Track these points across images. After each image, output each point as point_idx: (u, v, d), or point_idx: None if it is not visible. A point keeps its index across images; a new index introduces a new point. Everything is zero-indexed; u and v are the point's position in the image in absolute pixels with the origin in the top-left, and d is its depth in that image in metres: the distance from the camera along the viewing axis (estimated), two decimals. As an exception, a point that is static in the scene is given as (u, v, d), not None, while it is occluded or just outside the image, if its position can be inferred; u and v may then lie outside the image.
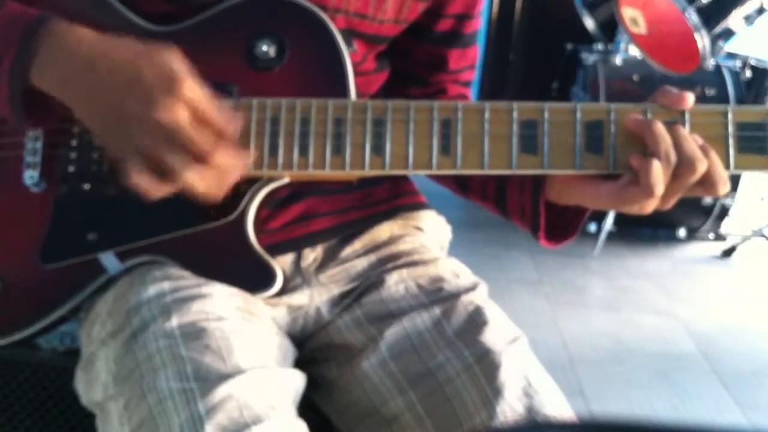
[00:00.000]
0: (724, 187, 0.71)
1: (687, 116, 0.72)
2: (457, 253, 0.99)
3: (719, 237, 3.11)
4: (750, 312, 2.63)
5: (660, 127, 0.71)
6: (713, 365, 2.26)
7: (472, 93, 1.05)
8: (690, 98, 0.72)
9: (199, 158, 0.67)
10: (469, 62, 1.01)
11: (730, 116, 0.72)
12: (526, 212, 0.85)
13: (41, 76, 0.71)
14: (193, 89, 0.67)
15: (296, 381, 0.79)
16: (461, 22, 0.96)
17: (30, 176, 0.82)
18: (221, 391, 0.68)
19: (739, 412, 2.04)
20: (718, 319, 2.57)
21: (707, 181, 0.71)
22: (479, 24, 0.99)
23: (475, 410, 0.76)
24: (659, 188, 0.70)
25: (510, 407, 0.75)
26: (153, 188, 0.69)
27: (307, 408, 0.86)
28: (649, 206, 0.73)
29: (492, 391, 0.76)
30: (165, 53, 0.68)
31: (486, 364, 0.78)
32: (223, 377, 0.69)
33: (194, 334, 0.73)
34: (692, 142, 0.70)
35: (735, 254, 3.04)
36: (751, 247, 3.04)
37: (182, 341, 0.72)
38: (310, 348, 0.91)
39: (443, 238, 1.03)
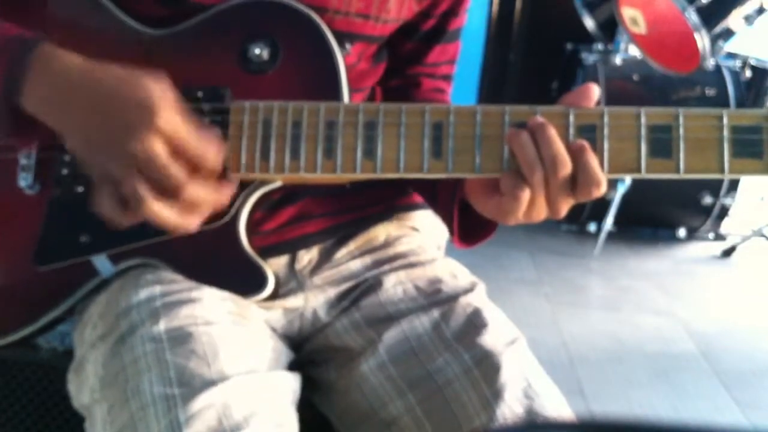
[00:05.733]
0: (597, 190, 0.69)
1: (681, 120, 0.71)
2: (457, 253, 0.98)
3: (719, 237, 3.11)
4: (750, 312, 2.63)
5: (521, 138, 0.69)
6: (713, 365, 2.26)
7: (451, 86, 1.04)
8: (594, 91, 0.71)
9: (169, 191, 0.67)
10: (449, 57, 1.00)
11: (724, 120, 0.70)
12: (446, 213, 0.85)
13: (27, 97, 0.71)
14: (171, 120, 0.66)
15: (287, 383, 0.79)
16: (446, 18, 0.95)
17: (24, 178, 0.82)
18: (202, 400, 0.68)
19: (739, 412, 2.04)
20: (717, 319, 2.57)
21: (578, 184, 0.69)
22: (464, 21, 0.99)
23: (474, 413, 0.76)
24: (524, 195, 0.69)
25: (510, 409, 0.75)
26: (116, 216, 0.69)
27: (307, 408, 0.86)
28: (534, 215, 0.71)
29: (491, 393, 0.76)
30: (148, 83, 0.67)
31: (485, 367, 0.78)
32: (207, 383, 0.69)
33: (181, 338, 0.73)
34: (556, 144, 0.69)
35: (735, 254, 3.04)
36: (751, 247, 3.04)
37: (168, 346, 0.72)
38: (309, 350, 0.91)
39: (440, 238, 1.02)
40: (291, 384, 0.79)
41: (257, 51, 0.78)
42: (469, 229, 0.84)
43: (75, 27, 0.76)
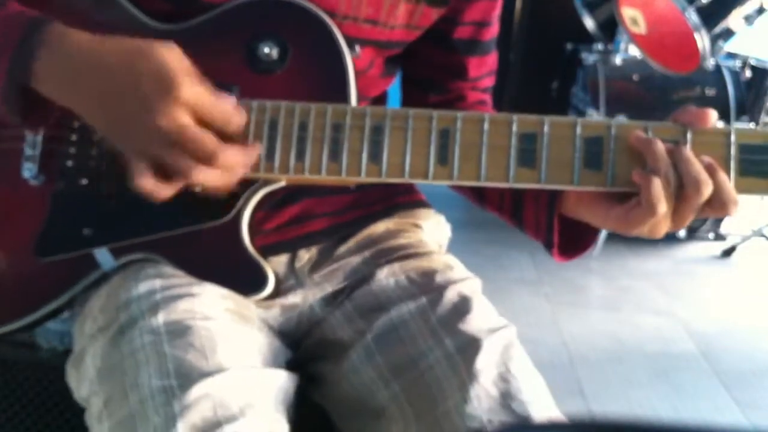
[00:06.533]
0: (734, 208, 0.69)
1: (689, 136, 0.71)
2: (457, 253, 0.98)
3: (719, 237, 3.11)
4: (750, 312, 2.63)
5: (660, 147, 0.69)
6: (713, 365, 2.26)
7: (491, 98, 1.03)
8: (713, 115, 0.70)
9: (205, 159, 0.68)
10: (489, 69, 1.00)
11: (732, 138, 0.70)
12: (540, 227, 0.85)
13: (41, 81, 0.71)
14: (192, 89, 0.67)
15: (281, 381, 0.78)
16: (480, 29, 0.95)
17: (28, 169, 0.82)
18: (198, 390, 0.68)
19: (739, 412, 2.05)
20: (718, 319, 2.57)
21: (716, 202, 0.69)
22: (497, 30, 0.98)
23: (450, 394, 0.75)
24: (661, 207, 0.69)
25: (485, 391, 0.74)
26: (159, 190, 0.69)
27: (307, 408, 0.86)
28: (659, 228, 0.71)
29: (468, 375, 0.75)
30: (162, 52, 0.67)
31: (466, 352, 0.78)
32: (204, 375, 0.69)
33: (179, 331, 0.73)
34: (696, 163, 0.69)
35: (735, 254, 3.04)
36: (751, 247, 3.04)
37: (167, 338, 0.72)
38: (307, 346, 0.91)
39: (442, 237, 1.02)
40: (287, 383, 0.79)
41: (266, 50, 0.78)
42: (568, 241, 0.84)
43: (81, 16, 0.76)
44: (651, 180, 0.69)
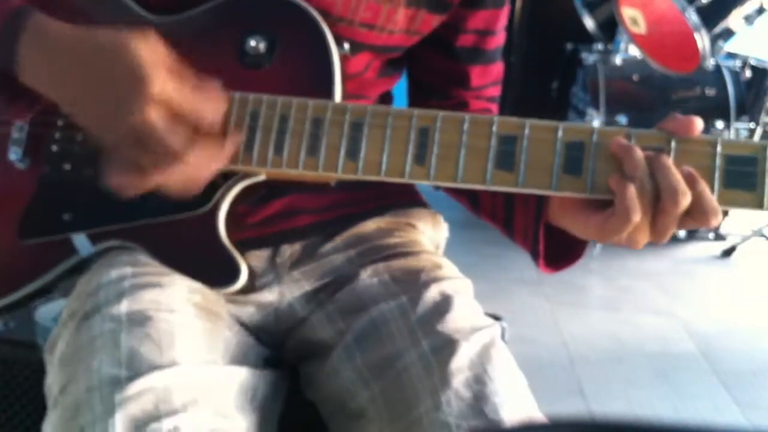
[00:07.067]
0: (715, 219, 0.67)
1: (673, 144, 0.68)
2: (457, 253, 0.98)
3: (719, 237, 3.11)
4: (750, 312, 2.63)
5: (638, 154, 0.67)
6: (713, 365, 2.26)
7: (497, 107, 1.01)
8: (698, 124, 0.68)
9: (172, 157, 0.67)
10: (493, 78, 0.99)
11: (718, 148, 0.68)
12: (528, 236, 0.83)
13: (21, 70, 0.71)
14: (164, 85, 0.66)
15: (243, 377, 0.76)
16: (483, 38, 0.94)
17: (14, 152, 0.83)
18: (144, 382, 0.67)
19: (739, 412, 2.04)
20: (717, 319, 2.57)
21: (696, 213, 0.67)
22: (503, 39, 0.96)
23: (423, 398, 0.73)
24: (635, 215, 0.66)
25: (457, 395, 0.72)
26: (127, 186, 0.69)
27: (303, 407, 0.86)
28: (638, 238, 0.69)
29: (441, 378, 0.74)
30: (137, 45, 0.66)
31: (441, 353, 0.76)
32: (154, 368, 0.68)
33: (139, 321, 0.72)
34: (675, 172, 0.66)
35: (735, 254, 3.04)
36: (751, 247, 3.04)
37: (126, 327, 0.72)
38: (291, 345, 0.90)
39: (439, 237, 1.01)
40: (254, 380, 0.77)
41: (253, 44, 0.78)
42: (556, 251, 0.82)
43: (76, 6, 0.76)
44: (626, 186, 0.67)
